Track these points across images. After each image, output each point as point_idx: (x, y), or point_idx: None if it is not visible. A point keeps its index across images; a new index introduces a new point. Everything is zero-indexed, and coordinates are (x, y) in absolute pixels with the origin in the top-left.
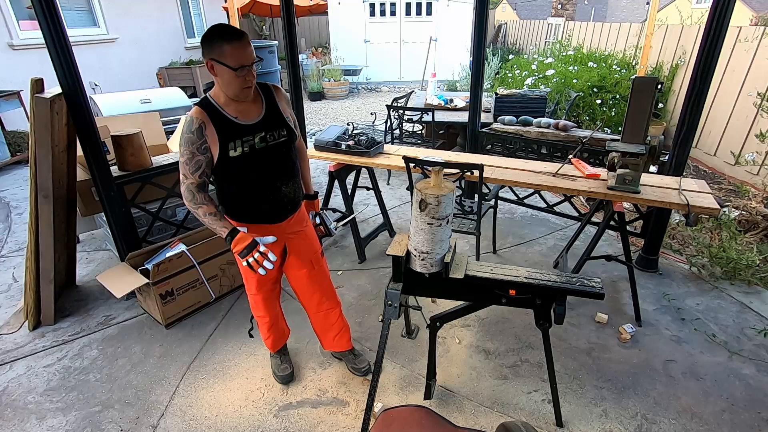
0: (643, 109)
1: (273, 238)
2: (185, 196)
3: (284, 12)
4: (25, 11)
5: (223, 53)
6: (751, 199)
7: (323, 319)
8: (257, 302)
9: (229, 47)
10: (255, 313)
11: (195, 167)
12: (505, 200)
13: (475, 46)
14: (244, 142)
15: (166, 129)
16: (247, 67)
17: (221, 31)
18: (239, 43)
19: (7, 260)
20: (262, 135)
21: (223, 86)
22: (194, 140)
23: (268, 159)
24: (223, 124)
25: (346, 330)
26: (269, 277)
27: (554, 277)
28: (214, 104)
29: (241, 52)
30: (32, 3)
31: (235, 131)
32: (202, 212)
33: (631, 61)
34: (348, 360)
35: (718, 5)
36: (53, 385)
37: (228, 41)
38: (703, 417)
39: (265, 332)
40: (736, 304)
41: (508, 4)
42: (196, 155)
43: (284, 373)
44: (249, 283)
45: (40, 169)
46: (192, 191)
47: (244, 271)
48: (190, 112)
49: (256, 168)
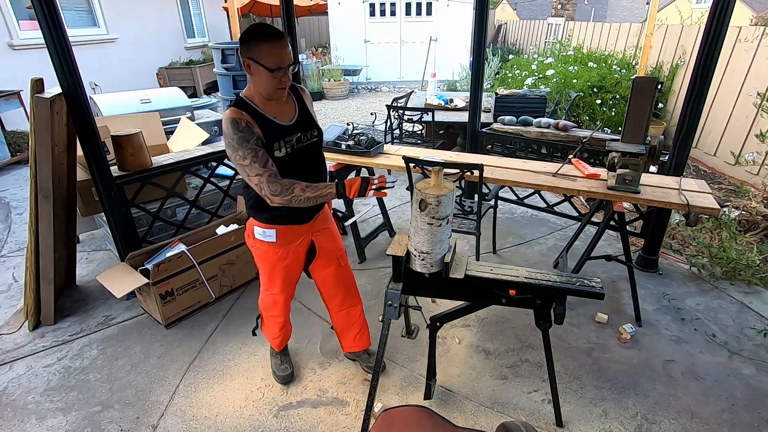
0: (643, 109)
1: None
2: (273, 192)
3: (284, 12)
4: (25, 11)
5: (261, 53)
6: (751, 199)
7: (345, 317)
8: (277, 302)
9: (268, 47)
10: (269, 313)
11: (263, 160)
12: (505, 200)
13: (475, 46)
14: (286, 142)
15: (166, 129)
16: (284, 68)
17: (261, 31)
18: (278, 43)
19: (7, 260)
20: (297, 136)
21: (258, 86)
22: (247, 137)
23: (303, 160)
24: (266, 124)
25: (366, 328)
26: (294, 278)
27: (554, 277)
28: (252, 104)
29: (280, 54)
30: (32, 3)
31: (278, 131)
32: (299, 191)
33: (631, 61)
34: (362, 360)
35: (718, 5)
36: (53, 385)
37: (267, 41)
38: (703, 417)
39: (277, 331)
40: (736, 304)
41: (508, 4)
42: (257, 149)
43: (285, 373)
44: (272, 284)
45: (40, 169)
46: (277, 182)
47: (269, 273)
48: (228, 114)
49: (294, 169)
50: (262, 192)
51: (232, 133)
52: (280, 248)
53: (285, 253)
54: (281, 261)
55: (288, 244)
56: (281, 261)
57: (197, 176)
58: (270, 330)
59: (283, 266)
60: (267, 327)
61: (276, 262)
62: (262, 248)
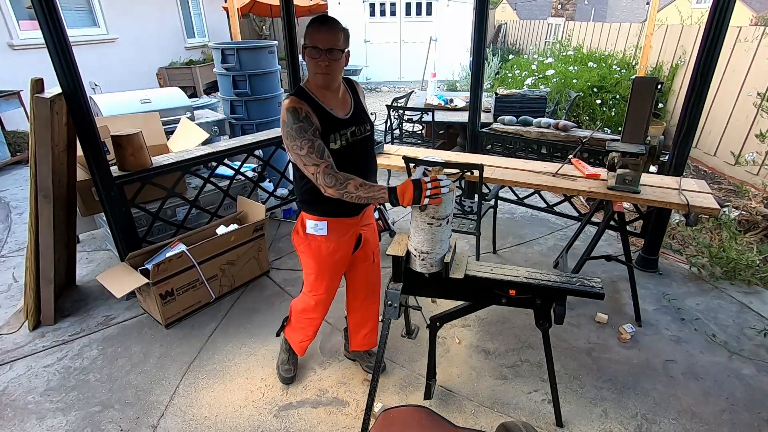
0: (643, 109)
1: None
2: (328, 184)
3: (284, 12)
4: (25, 11)
5: (307, 35)
6: (751, 199)
7: (363, 314)
8: (320, 303)
9: (312, 29)
10: (308, 315)
11: (320, 151)
12: (505, 200)
13: (475, 46)
14: (341, 135)
15: (166, 129)
16: (319, 48)
17: (314, 20)
18: (321, 26)
19: (7, 260)
20: (352, 129)
21: (310, 67)
22: (306, 127)
23: (357, 153)
24: (323, 115)
25: (377, 327)
26: (340, 275)
27: (554, 277)
28: (311, 95)
29: (318, 34)
30: (32, 3)
31: (335, 124)
32: (352, 187)
33: (631, 61)
34: (363, 360)
35: (718, 5)
36: (53, 385)
37: (314, 24)
38: (703, 417)
39: (311, 334)
40: (736, 304)
41: (508, 4)
42: (315, 140)
43: (288, 375)
44: (318, 283)
45: (40, 169)
46: (332, 174)
47: (316, 272)
48: (287, 104)
49: (349, 162)
50: (318, 181)
51: (292, 122)
52: (332, 242)
53: (337, 246)
54: (332, 255)
55: (340, 237)
56: (332, 255)
57: (197, 176)
58: (304, 332)
59: (333, 261)
60: (299, 329)
61: (326, 257)
62: (314, 243)
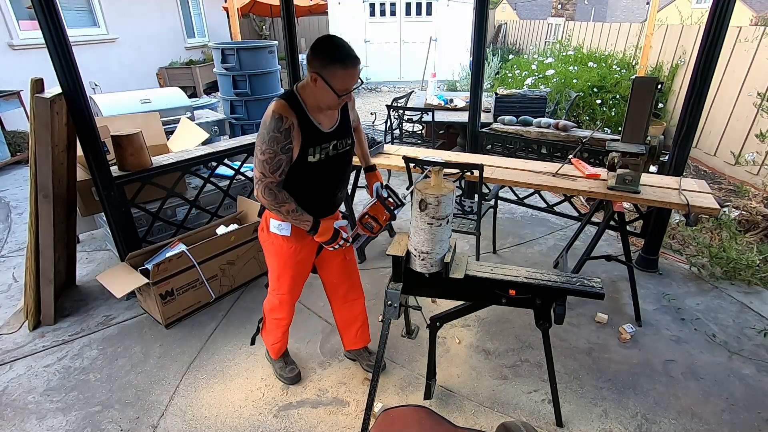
0: (643, 109)
1: (345, 222)
2: (264, 196)
3: (284, 12)
4: (25, 11)
5: (334, 76)
6: (751, 199)
7: (348, 311)
8: (284, 303)
9: (342, 72)
10: (275, 315)
11: (276, 167)
12: (505, 200)
13: (475, 46)
14: (322, 148)
15: (166, 129)
16: (350, 91)
17: (339, 52)
18: (353, 69)
19: (7, 260)
20: (334, 143)
21: (318, 98)
22: (281, 140)
23: (335, 167)
24: (309, 128)
25: (367, 324)
26: (303, 276)
27: (554, 277)
28: (302, 106)
29: (351, 79)
30: (32, 3)
31: (317, 137)
32: (284, 210)
33: (631, 61)
34: (363, 358)
35: (718, 5)
36: (53, 385)
37: (342, 65)
38: (703, 417)
39: (279, 336)
40: (736, 304)
41: (508, 4)
42: (279, 155)
43: (292, 374)
44: (281, 282)
45: (40, 169)
46: (273, 191)
47: (279, 270)
48: (276, 107)
49: (325, 174)
50: (257, 188)
51: (271, 129)
52: (295, 242)
53: (299, 247)
54: (294, 256)
55: (302, 239)
56: (294, 256)
57: (197, 176)
58: (272, 334)
59: (295, 262)
60: (268, 331)
61: (288, 258)
62: (277, 242)
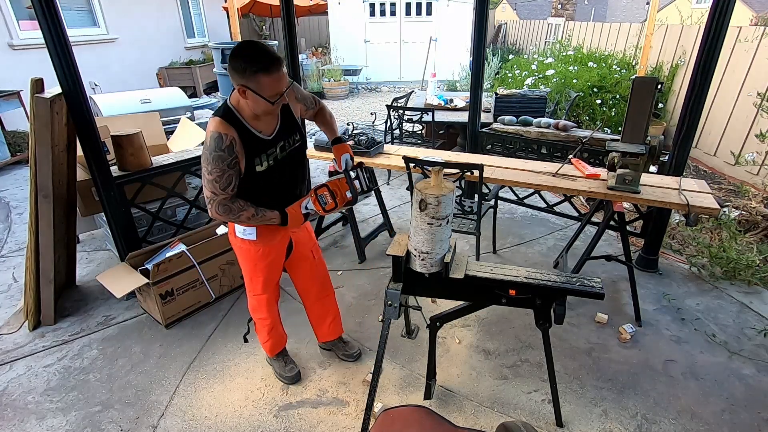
0: (643, 109)
1: (309, 199)
2: (219, 212)
3: (284, 12)
4: (25, 11)
5: (259, 84)
6: (751, 199)
7: (320, 308)
8: (261, 303)
9: (267, 79)
10: (256, 315)
11: (226, 183)
12: (505, 200)
13: (475, 46)
14: (269, 155)
15: (166, 129)
16: (282, 94)
17: (256, 58)
18: (277, 73)
19: (7, 260)
20: (281, 144)
21: (252, 107)
22: (225, 157)
23: (287, 167)
24: (250, 139)
25: (338, 315)
26: (275, 277)
27: (554, 277)
28: (240, 118)
29: (278, 83)
30: (32, 3)
31: (261, 146)
32: (245, 218)
33: (631, 61)
34: (338, 348)
35: (718, 5)
36: (53, 385)
37: (265, 72)
38: (703, 417)
39: (265, 335)
40: (736, 304)
41: (508, 4)
42: (227, 171)
43: (291, 373)
44: (254, 283)
45: (40, 169)
46: (227, 205)
47: (250, 272)
48: (215, 126)
49: (278, 178)
50: (210, 207)
51: (213, 149)
52: (261, 245)
53: (267, 250)
54: (263, 259)
55: (269, 242)
56: (263, 259)
57: (197, 176)
58: (260, 333)
59: (264, 264)
60: (257, 330)
61: (258, 261)
62: (244, 246)
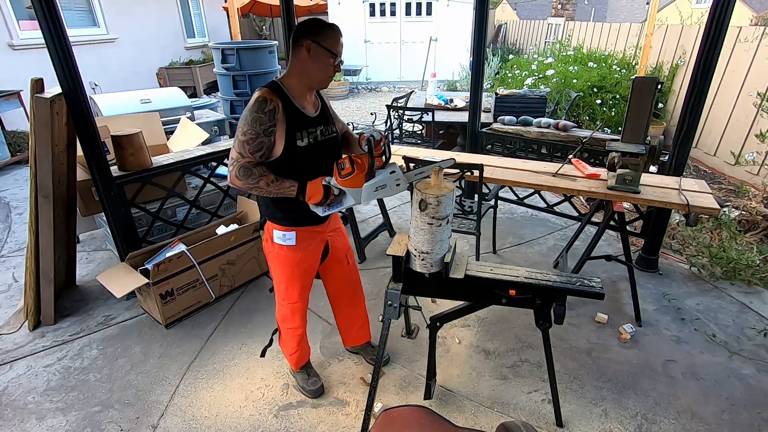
0: (643, 109)
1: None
2: (238, 176)
3: (284, 12)
4: (25, 11)
5: (326, 38)
6: (751, 199)
7: (350, 313)
8: (295, 311)
9: (333, 34)
10: (287, 325)
11: (256, 148)
12: (505, 200)
13: (475, 46)
14: (309, 133)
15: (166, 129)
16: (340, 59)
17: (325, 23)
18: (340, 36)
19: (7, 260)
20: (321, 128)
21: (311, 71)
22: (264, 121)
23: (326, 151)
24: (294, 111)
25: (368, 321)
26: (310, 283)
27: (554, 277)
28: (286, 92)
29: (340, 44)
30: (32, 3)
31: (303, 121)
32: (263, 183)
33: (631, 61)
34: (366, 353)
35: (718, 5)
36: (53, 385)
37: (332, 30)
38: (703, 417)
39: (294, 345)
40: (736, 304)
41: (508, 4)
42: (261, 137)
43: (315, 387)
44: (290, 291)
45: (40, 169)
46: (249, 168)
47: (287, 280)
48: (261, 92)
49: (317, 161)
50: (231, 170)
51: (254, 110)
52: (300, 251)
53: (305, 255)
54: (300, 264)
55: (307, 247)
56: (300, 264)
57: (197, 176)
58: (288, 345)
59: (302, 270)
60: (285, 342)
61: (295, 267)
62: (282, 253)
